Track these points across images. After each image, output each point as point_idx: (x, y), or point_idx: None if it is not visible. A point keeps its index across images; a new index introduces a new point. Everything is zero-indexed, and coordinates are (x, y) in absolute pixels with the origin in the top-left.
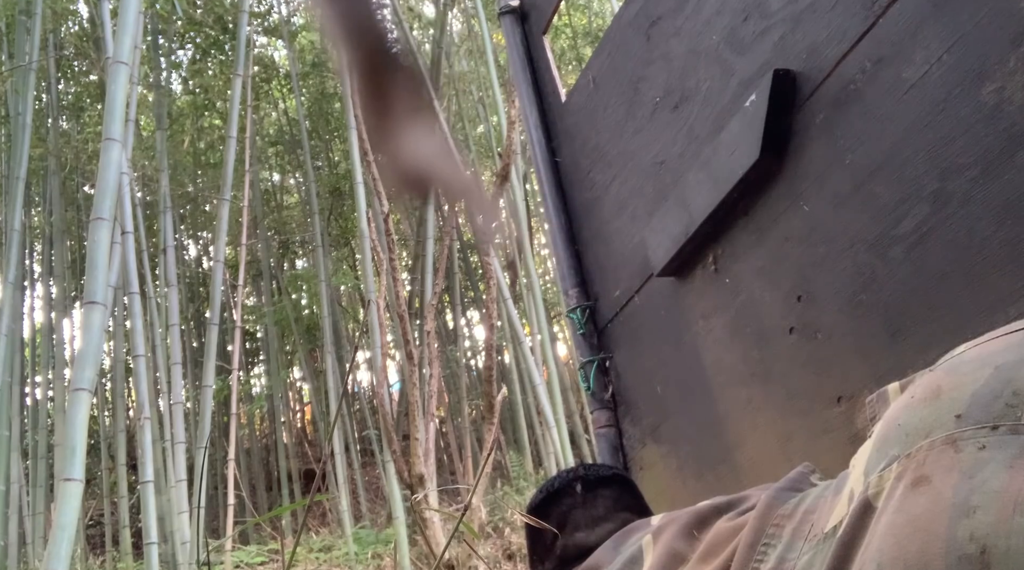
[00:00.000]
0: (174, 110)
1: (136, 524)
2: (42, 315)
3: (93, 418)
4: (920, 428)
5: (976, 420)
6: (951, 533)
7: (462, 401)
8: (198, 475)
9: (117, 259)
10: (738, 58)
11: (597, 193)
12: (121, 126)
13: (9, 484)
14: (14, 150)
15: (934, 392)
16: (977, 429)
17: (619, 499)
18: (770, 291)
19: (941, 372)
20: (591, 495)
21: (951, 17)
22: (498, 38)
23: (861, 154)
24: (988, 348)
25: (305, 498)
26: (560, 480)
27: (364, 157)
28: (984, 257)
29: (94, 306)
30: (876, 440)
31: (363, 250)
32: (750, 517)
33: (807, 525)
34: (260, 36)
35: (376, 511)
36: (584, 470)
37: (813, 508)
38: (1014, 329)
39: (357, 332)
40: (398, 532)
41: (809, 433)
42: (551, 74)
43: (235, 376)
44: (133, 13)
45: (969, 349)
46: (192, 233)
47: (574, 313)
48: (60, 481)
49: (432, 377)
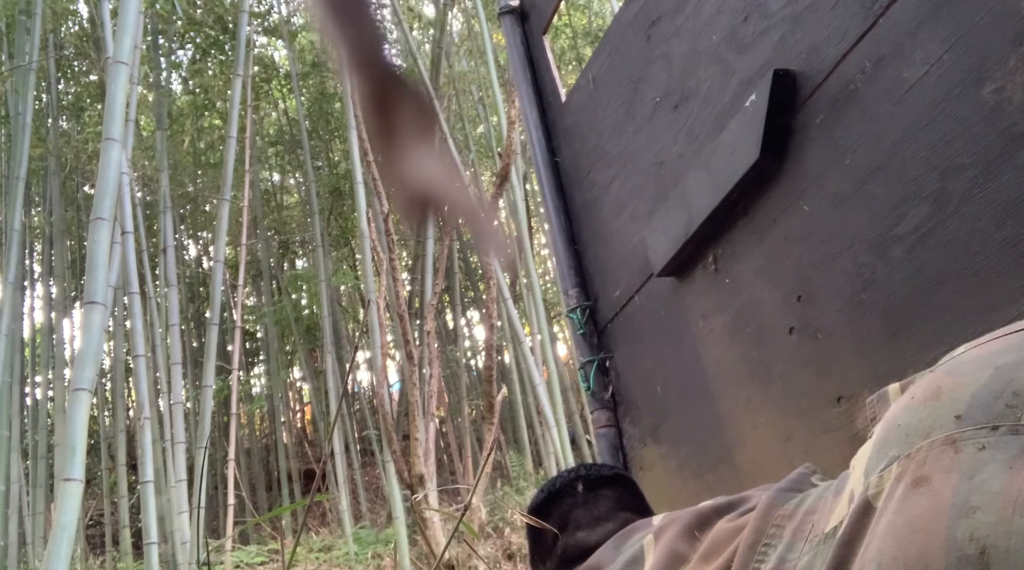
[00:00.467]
0: (174, 110)
1: (136, 524)
2: (42, 315)
3: (93, 418)
4: (920, 428)
5: (976, 421)
6: (951, 534)
7: (462, 401)
8: (198, 475)
9: (117, 259)
10: (738, 58)
11: (597, 193)
12: (121, 126)
13: (9, 484)
14: (14, 150)
15: (934, 393)
16: (977, 429)
17: (620, 499)
18: (770, 291)
19: (941, 373)
20: (592, 495)
21: (951, 17)
22: (498, 38)
23: (861, 154)
24: (988, 349)
25: (305, 498)
26: (561, 480)
27: (364, 157)
28: (984, 257)
29: (94, 306)
30: (876, 441)
31: (363, 250)
32: (751, 517)
33: (807, 525)
34: (260, 36)
35: (376, 511)
36: (585, 470)
37: (813, 509)
38: (1014, 330)
39: (357, 332)
40: (398, 532)
41: (809, 433)
42: (551, 74)
43: (235, 376)
44: (133, 13)
45: (969, 350)
46: (192, 233)
47: (574, 313)
48: (60, 481)
49: (432, 377)
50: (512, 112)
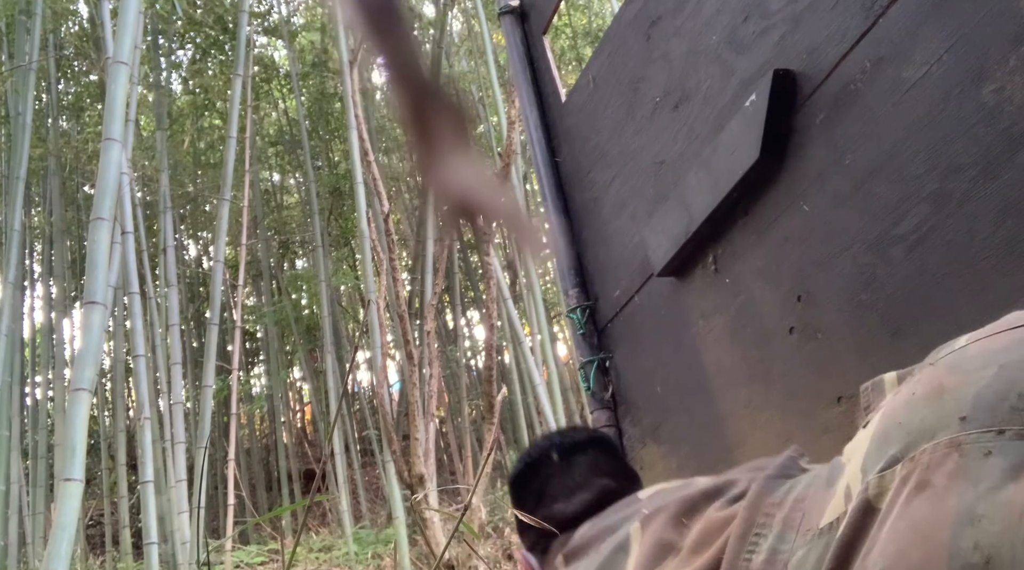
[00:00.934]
0: (174, 110)
1: (136, 524)
2: (42, 315)
3: (93, 418)
4: (922, 428)
5: (981, 423)
6: (955, 542)
7: (462, 401)
8: (198, 475)
9: (117, 259)
10: (738, 58)
11: (597, 193)
12: (121, 126)
13: (9, 484)
14: (14, 150)
15: (936, 390)
16: (982, 433)
17: (596, 465)
18: (770, 291)
19: (943, 369)
20: (567, 463)
21: (951, 17)
22: (498, 38)
23: (861, 154)
24: (991, 345)
25: (305, 498)
26: (536, 450)
27: (364, 157)
28: (984, 257)
29: (94, 306)
30: (875, 436)
31: (363, 250)
32: (740, 507)
33: (798, 514)
34: (260, 36)
35: (376, 511)
36: (559, 437)
37: (803, 496)
38: (1017, 324)
39: (357, 332)
40: (398, 532)
41: (809, 433)
42: (551, 74)
43: (235, 376)
44: (133, 13)
45: (971, 344)
46: (192, 233)
47: (574, 313)
48: (60, 481)
49: (432, 377)
50: (512, 112)
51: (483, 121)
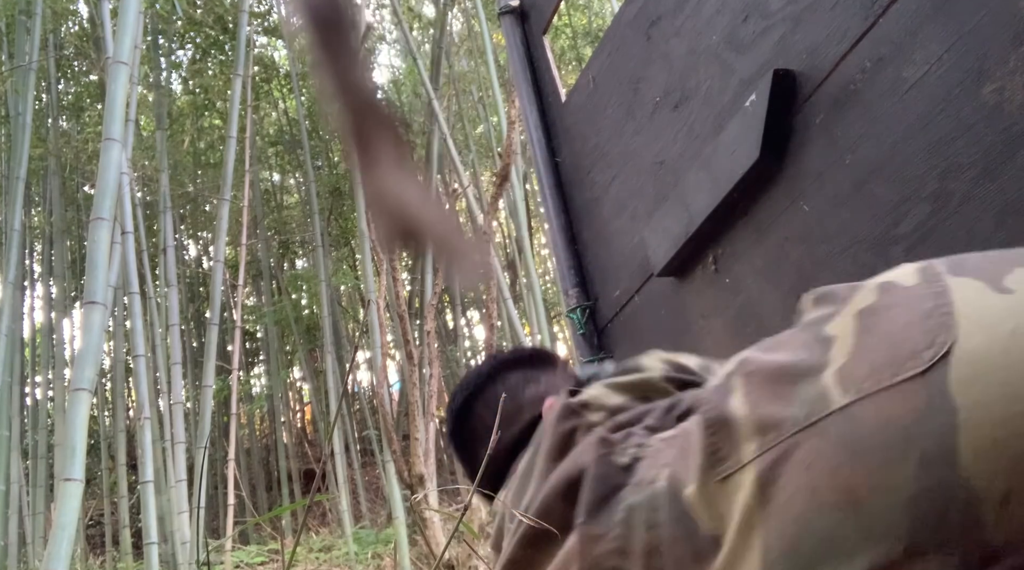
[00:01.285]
0: (174, 110)
1: (136, 524)
2: (42, 315)
3: (93, 418)
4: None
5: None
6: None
7: None
8: (198, 475)
9: (117, 259)
10: (738, 58)
11: (597, 193)
12: (121, 126)
13: (9, 484)
14: (14, 150)
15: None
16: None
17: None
18: (770, 291)
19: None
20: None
21: (951, 17)
22: (498, 38)
23: (861, 154)
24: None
25: (305, 498)
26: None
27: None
28: None
29: (94, 306)
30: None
31: (363, 250)
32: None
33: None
34: (260, 36)
35: (376, 511)
36: (490, 364)
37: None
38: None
39: (357, 332)
40: (398, 532)
41: None
42: (551, 74)
43: (235, 376)
44: (133, 13)
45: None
46: (192, 233)
47: (574, 313)
48: (60, 481)
49: (432, 377)
50: (512, 112)
51: (483, 121)
